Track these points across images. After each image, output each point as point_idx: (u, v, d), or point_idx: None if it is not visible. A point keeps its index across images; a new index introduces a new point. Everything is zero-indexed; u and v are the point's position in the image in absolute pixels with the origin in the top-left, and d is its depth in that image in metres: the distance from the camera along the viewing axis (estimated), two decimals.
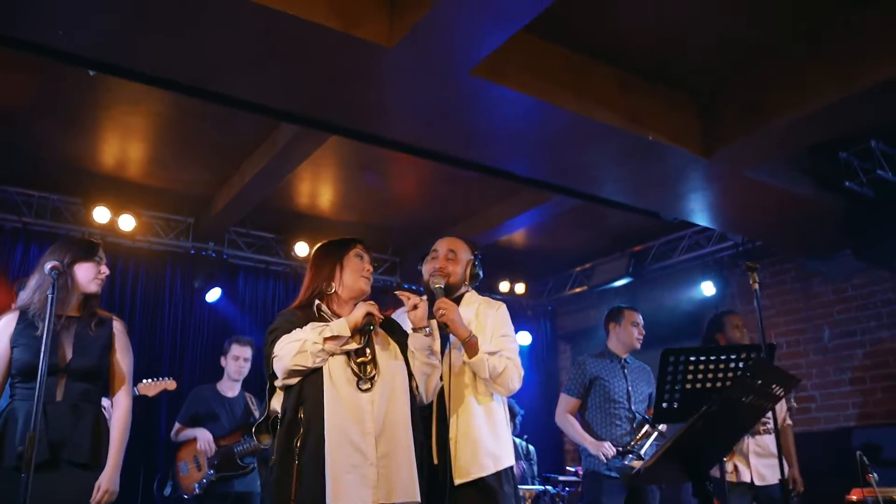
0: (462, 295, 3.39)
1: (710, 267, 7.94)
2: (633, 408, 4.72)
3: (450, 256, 3.38)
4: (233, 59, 4.04)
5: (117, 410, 3.44)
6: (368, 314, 2.82)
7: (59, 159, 6.43)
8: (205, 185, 7.00)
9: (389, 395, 2.78)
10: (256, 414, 5.76)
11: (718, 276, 7.86)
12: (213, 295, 7.65)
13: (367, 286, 3.02)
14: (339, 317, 2.87)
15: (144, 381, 5.11)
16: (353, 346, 2.80)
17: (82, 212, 7.04)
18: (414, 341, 2.91)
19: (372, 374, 2.78)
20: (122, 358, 3.47)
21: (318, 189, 7.17)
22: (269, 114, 4.68)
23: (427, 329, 2.90)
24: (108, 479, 3.29)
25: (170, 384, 5.20)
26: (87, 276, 3.41)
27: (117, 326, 3.48)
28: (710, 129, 5.19)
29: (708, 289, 7.86)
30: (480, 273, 3.44)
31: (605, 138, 4.91)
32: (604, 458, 4.56)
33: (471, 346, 3.12)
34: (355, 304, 2.94)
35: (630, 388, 4.79)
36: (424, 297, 3.05)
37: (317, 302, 2.93)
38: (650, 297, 8.44)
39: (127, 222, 7.07)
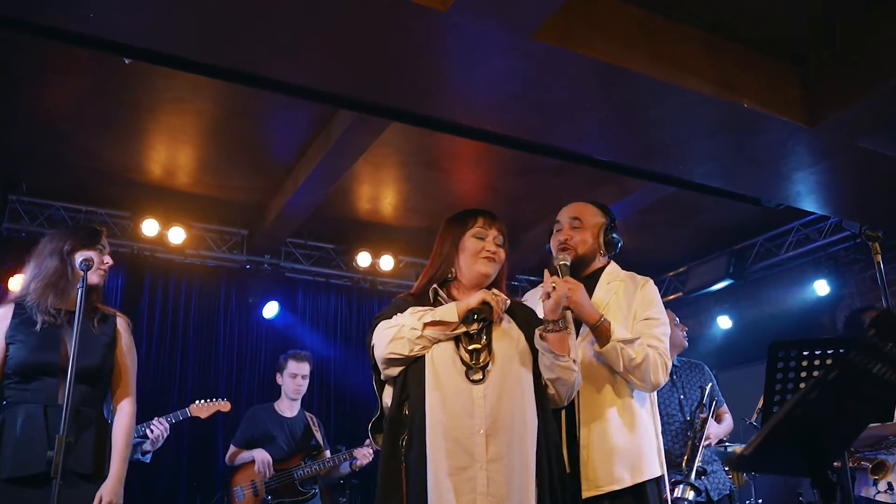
0: (600, 269, 3.16)
1: (824, 263, 7.74)
2: (689, 418, 4.62)
3: (574, 225, 3.15)
4: (279, 37, 4.04)
5: (121, 417, 3.35)
6: (484, 303, 2.65)
7: (103, 170, 6.58)
8: (257, 192, 7.07)
9: (506, 387, 2.59)
10: (318, 436, 5.76)
11: (834, 274, 7.65)
12: (271, 310, 7.73)
13: (489, 269, 2.78)
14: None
15: (197, 402, 5.20)
16: (461, 331, 2.64)
17: (131, 225, 7.21)
18: (538, 340, 2.67)
19: (485, 363, 2.60)
20: (127, 358, 3.42)
21: (379, 191, 7.17)
22: (319, 98, 4.67)
23: (558, 323, 2.65)
24: (111, 490, 3.18)
25: (224, 405, 5.28)
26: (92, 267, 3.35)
27: (121, 324, 3.44)
28: (815, 95, 4.98)
29: (822, 288, 7.66)
30: (617, 238, 3.21)
31: (693, 108, 4.75)
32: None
33: (602, 333, 2.87)
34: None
35: (682, 396, 4.69)
36: (562, 264, 2.88)
37: (434, 286, 2.79)
38: (754, 300, 8.32)
39: (177, 235, 7.19)
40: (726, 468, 4.68)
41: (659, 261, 8.81)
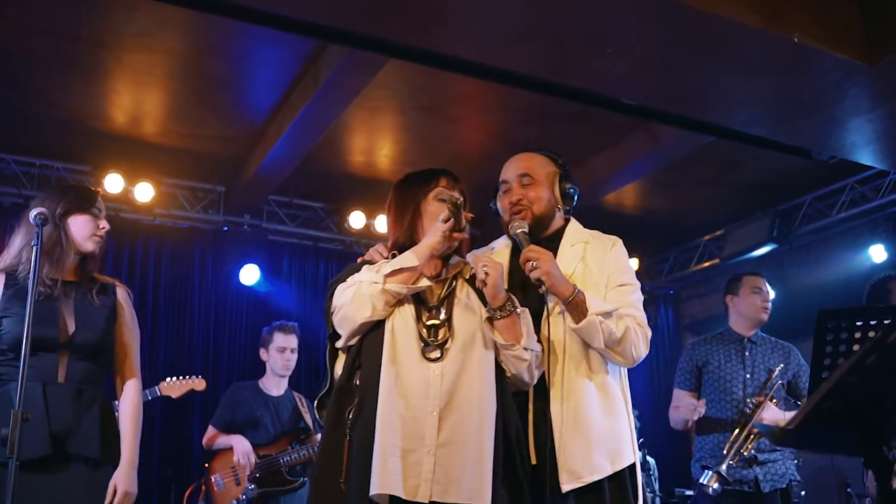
0: (560, 230, 3.13)
1: (881, 226, 7.76)
2: (750, 399, 4.65)
3: (525, 182, 3.08)
4: None
5: (129, 398, 3.43)
6: (447, 234, 2.71)
7: (59, 118, 6.57)
8: (235, 143, 7.06)
9: (465, 367, 2.67)
10: (307, 418, 5.77)
11: (893, 238, 7.66)
12: (250, 276, 7.72)
13: (452, 243, 2.82)
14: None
15: (168, 379, 5.22)
16: (425, 283, 2.72)
17: (91, 181, 7.18)
18: (485, 327, 2.73)
19: (444, 340, 2.68)
20: (130, 332, 3.48)
21: (374, 142, 7.17)
22: (305, 31, 4.64)
23: (505, 307, 2.70)
24: (125, 477, 3.28)
25: (198, 383, 5.30)
26: (84, 231, 3.40)
27: (121, 294, 3.49)
28: (876, 28, 4.94)
29: (878, 254, 7.68)
30: (574, 189, 3.15)
31: (734, 42, 4.71)
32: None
33: (577, 307, 2.83)
34: (444, 264, 2.83)
35: (749, 375, 4.71)
36: (519, 232, 2.89)
37: (393, 252, 2.83)
38: (801, 268, 8.33)
39: (144, 192, 7.19)
40: (796, 460, 4.70)
41: (693, 223, 8.82)
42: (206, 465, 5.60)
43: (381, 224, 8.04)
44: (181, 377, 5.24)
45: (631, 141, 6.91)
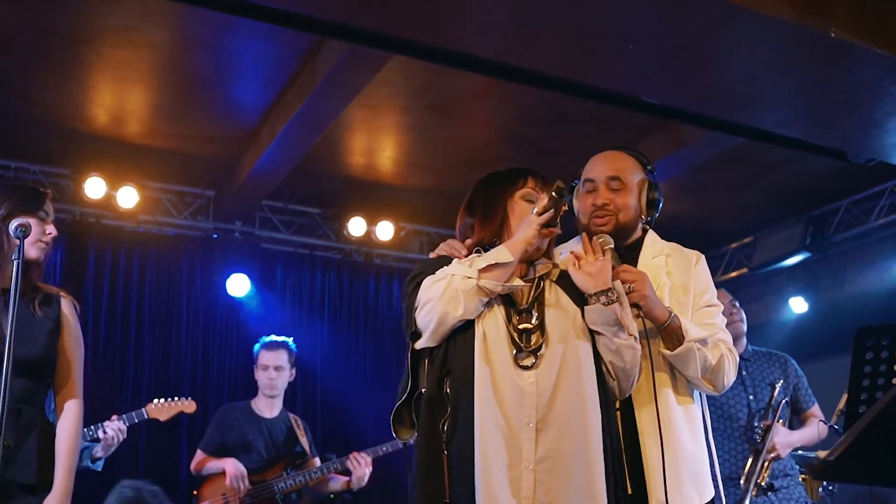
0: (639, 240, 3.12)
1: None
2: (758, 424, 4.66)
3: (614, 186, 3.07)
4: None
5: (66, 419, 3.37)
6: (542, 227, 2.73)
7: (36, 117, 6.55)
8: (226, 144, 7.04)
9: (563, 373, 2.66)
10: (304, 441, 5.78)
11: None
12: (238, 286, 7.69)
13: (545, 244, 2.86)
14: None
15: (156, 401, 5.23)
16: (520, 283, 2.73)
17: (71, 185, 7.20)
18: (592, 314, 2.73)
19: (538, 346, 2.68)
20: (73, 348, 3.43)
21: (376, 143, 7.18)
22: (302, 25, 4.64)
23: (609, 293, 2.71)
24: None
25: (188, 405, 5.32)
26: (29, 236, 3.33)
27: (66, 306, 3.45)
28: None
29: None
30: (660, 196, 3.15)
31: (766, 37, 4.72)
32: None
33: (672, 333, 2.84)
34: (530, 266, 2.84)
35: (752, 396, 4.72)
36: (606, 249, 2.85)
37: (477, 248, 2.84)
38: (836, 278, 8.32)
39: (128, 197, 7.16)
40: (802, 476, 4.69)
41: (719, 229, 8.80)
42: (195, 492, 5.59)
43: (384, 231, 8.03)
44: (170, 399, 5.25)
45: (652, 142, 6.87)
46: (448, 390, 2.66)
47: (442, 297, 2.64)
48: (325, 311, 8.18)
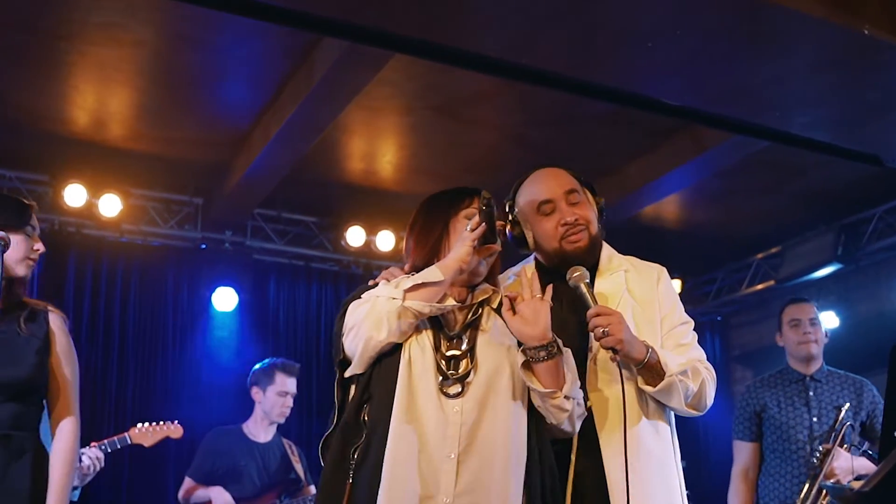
0: (597, 260, 3.11)
1: None
2: (818, 448, 4.65)
3: (572, 199, 3.04)
4: None
5: (61, 440, 3.40)
6: (476, 244, 2.69)
7: (12, 119, 6.55)
8: (215, 148, 7.06)
9: (490, 403, 2.66)
10: (298, 468, 5.79)
11: None
12: (225, 300, 7.67)
13: (485, 266, 2.82)
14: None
15: (140, 425, 5.25)
16: (451, 303, 2.72)
17: (50, 192, 7.19)
18: (521, 370, 2.68)
19: (465, 373, 2.67)
20: (65, 365, 3.45)
21: (376, 147, 7.19)
22: (297, 22, 4.63)
23: (549, 347, 2.65)
24: None
25: (174, 430, 5.35)
26: (16, 253, 3.39)
27: (55, 321, 3.48)
28: None
29: None
30: (603, 207, 3.17)
31: (794, 34, 4.72)
32: None
33: (651, 369, 2.83)
34: (469, 291, 2.82)
35: (816, 419, 4.73)
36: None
37: (412, 273, 2.83)
38: (870, 291, 8.35)
39: (110, 204, 7.16)
40: None
41: (744, 239, 8.83)
42: None
43: (383, 241, 8.03)
44: (155, 423, 5.27)
45: (672, 146, 6.91)
46: (366, 417, 2.66)
47: (365, 321, 2.64)
48: (321, 328, 8.17)
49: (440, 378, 2.66)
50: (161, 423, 5.26)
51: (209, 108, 6.54)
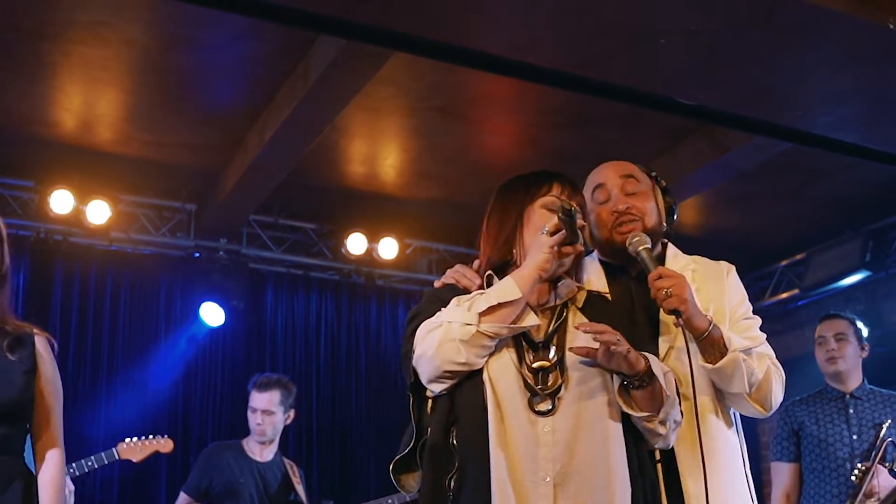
0: (660, 256, 3.10)
1: None
2: (859, 466, 4.68)
3: (629, 188, 3.05)
4: None
5: (49, 469, 3.37)
6: (555, 249, 2.62)
7: None
8: (208, 152, 7.07)
9: (585, 420, 2.59)
10: (299, 489, 5.78)
11: None
12: (212, 314, 7.63)
13: (569, 260, 2.75)
14: None
15: (128, 440, 5.30)
16: (533, 321, 2.64)
17: (35, 199, 7.21)
18: (618, 397, 2.63)
19: (556, 387, 2.60)
20: (50, 391, 3.44)
21: (378, 149, 7.20)
22: (292, 19, 4.64)
23: (644, 378, 2.59)
24: None
25: (163, 445, 5.41)
26: None
27: (41, 344, 3.46)
28: None
29: None
30: (676, 204, 3.17)
31: (817, 30, 4.74)
32: None
33: (713, 344, 2.81)
34: (552, 288, 2.77)
35: (856, 437, 4.77)
36: (642, 248, 2.83)
37: (489, 272, 2.78)
38: None
39: (99, 212, 7.16)
40: None
41: (767, 245, 8.83)
42: None
43: (386, 248, 8.02)
44: (143, 438, 5.31)
45: (689, 147, 6.91)
46: (455, 441, 2.59)
47: (439, 351, 2.58)
48: (321, 339, 8.19)
49: (528, 394, 2.59)
50: (150, 437, 5.28)
51: (201, 110, 6.54)
